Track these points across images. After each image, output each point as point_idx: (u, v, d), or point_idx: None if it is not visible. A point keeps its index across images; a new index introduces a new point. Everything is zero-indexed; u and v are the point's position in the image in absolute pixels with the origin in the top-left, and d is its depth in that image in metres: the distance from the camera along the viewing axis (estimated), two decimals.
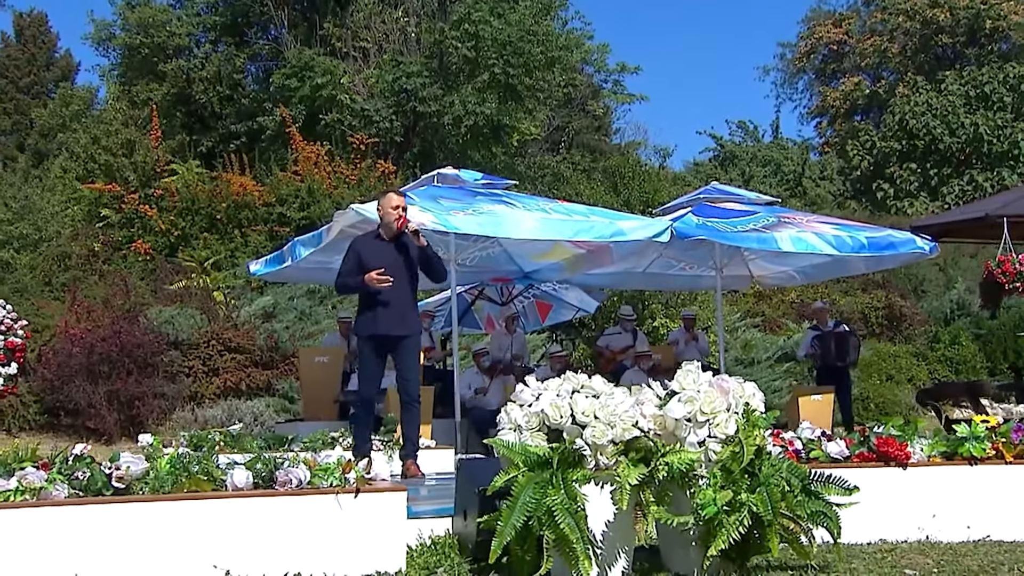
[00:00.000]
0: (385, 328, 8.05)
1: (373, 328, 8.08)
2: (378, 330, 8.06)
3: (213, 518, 4.45)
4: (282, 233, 19.36)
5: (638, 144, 41.20)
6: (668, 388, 4.34)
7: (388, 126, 24.13)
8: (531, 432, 4.11)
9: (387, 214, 8.30)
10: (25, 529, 4.31)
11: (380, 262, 8.10)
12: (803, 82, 46.99)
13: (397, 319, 8.09)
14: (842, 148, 38.12)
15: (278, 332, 16.60)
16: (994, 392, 10.16)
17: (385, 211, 8.32)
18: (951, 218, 12.78)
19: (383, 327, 8.05)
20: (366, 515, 4.57)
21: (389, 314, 8.06)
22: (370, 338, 8.15)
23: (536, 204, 12.19)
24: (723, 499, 3.98)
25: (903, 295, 22.14)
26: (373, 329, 8.08)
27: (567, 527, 3.81)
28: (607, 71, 37.95)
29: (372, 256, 8.21)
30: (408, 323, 8.24)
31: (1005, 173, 29.32)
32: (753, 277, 14.91)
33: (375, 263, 8.10)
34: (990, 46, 35.81)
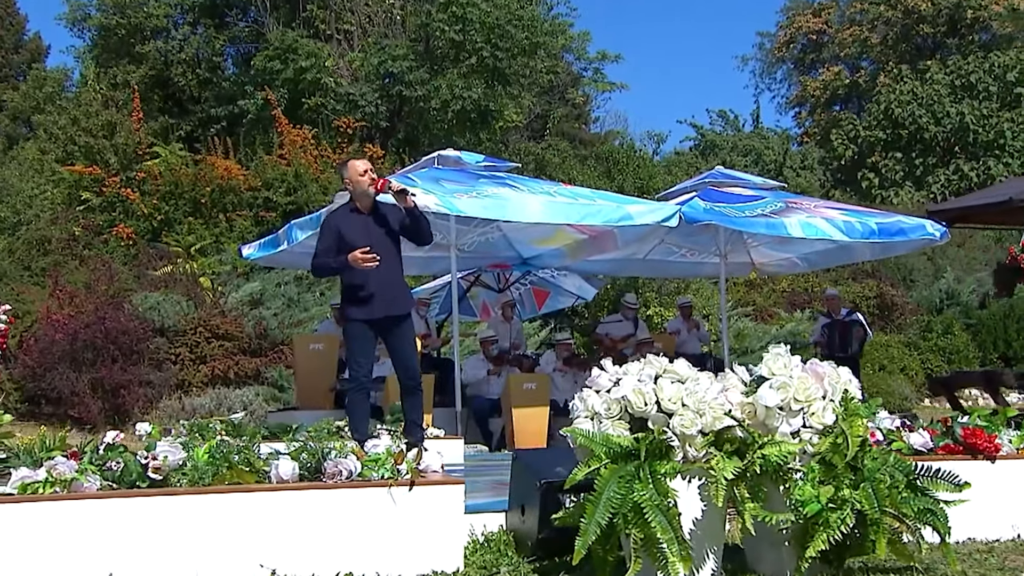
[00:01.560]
0: (377, 311, 7.41)
1: (363, 312, 7.42)
2: (371, 314, 7.41)
3: (257, 513, 4.12)
4: (268, 218, 18.95)
5: (617, 133, 40.97)
6: (754, 373, 4.03)
7: (373, 110, 23.70)
8: (611, 420, 3.80)
9: (358, 183, 7.47)
10: (56, 524, 3.96)
11: (361, 238, 7.34)
12: (782, 72, 46.95)
13: (387, 300, 7.43)
14: (823, 138, 38.03)
15: (267, 319, 16.21)
16: (1013, 381, 9.93)
17: (354, 181, 7.48)
18: (971, 202, 12.55)
19: (375, 310, 7.40)
20: (421, 509, 4.26)
21: (378, 295, 7.38)
22: (363, 322, 7.49)
23: (540, 187, 11.89)
24: (825, 495, 3.69)
25: (893, 284, 22.01)
26: (363, 313, 7.42)
27: (658, 525, 3.50)
28: (587, 59, 37.72)
29: (352, 232, 7.44)
30: (399, 302, 7.61)
31: (991, 163, 29.25)
32: (754, 264, 14.65)
33: (356, 239, 7.34)
34: (971, 36, 35.81)
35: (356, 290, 7.47)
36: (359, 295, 7.44)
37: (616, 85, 39.11)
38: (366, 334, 7.50)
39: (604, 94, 40.11)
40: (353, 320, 7.53)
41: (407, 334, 7.67)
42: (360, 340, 7.52)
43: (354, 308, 7.50)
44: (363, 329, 7.48)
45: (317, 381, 12.89)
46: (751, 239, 13.88)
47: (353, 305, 7.50)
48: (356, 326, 7.51)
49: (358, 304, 7.46)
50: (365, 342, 7.53)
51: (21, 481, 4.12)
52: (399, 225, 7.59)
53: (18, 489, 4.11)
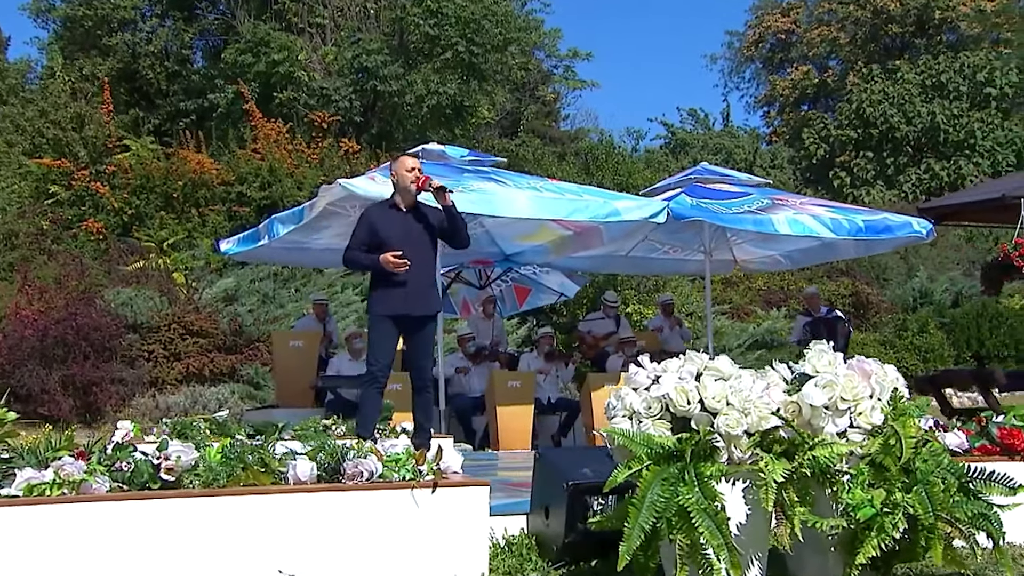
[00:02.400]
0: (405, 307, 7.28)
1: (392, 307, 7.29)
2: (398, 310, 7.29)
3: (275, 515, 3.93)
4: (242, 213, 18.67)
5: (588, 131, 40.94)
6: (795, 371, 3.90)
7: (347, 105, 23.45)
8: (652, 420, 3.65)
9: (402, 178, 7.43)
10: (65, 527, 3.75)
11: (397, 234, 7.31)
12: (750, 71, 47.07)
13: (418, 298, 7.33)
14: (792, 137, 38.15)
15: (242, 315, 15.95)
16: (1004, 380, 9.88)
17: (400, 175, 7.45)
18: (962, 199, 12.55)
19: (403, 306, 7.28)
20: (444, 512, 4.08)
21: (409, 292, 7.28)
22: (388, 317, 7.37)
23: (526, 182, 11.76)
24: (878, 499, 3.55)
25: (868, 283, 22.07)
26: (392, 308, 7.29)
27: (707, 531, 3.35)
28: (558, 56, 37.62)
29: (388, 227, 7.39)
30: (430, 302, 7.50)
31: (962, 162, 29.45)
32: (737, 262, 14.61)
33: (391, 235, 7.31)
34: (938, 36, 36.05)
35: (386, 285, 7.31)
36: (389, 290, 7.29)
37: (587, 83, 39.09)
38: (389, 330, 7.36)
39: (574, 92, 40.08)
40: (380, 316, 7.37)
41: (429, 336, 7.57)
42: (381, 335, 7.38)
43: (381, 303, 7.35)
44: (387, 324, 7.34)
45: (297, 378, 12.69)
46: (734, 236, 13.82)
47: (381, 299, 7.35)
48: (380, 321, 7.37)
49: (386, 299, 7.32)
50: (386, 338, 7.38)
51: (27, 482, 3.92)
52: (438, 227, 7.50)
53: (24, 491, 3.91)
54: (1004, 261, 9.64)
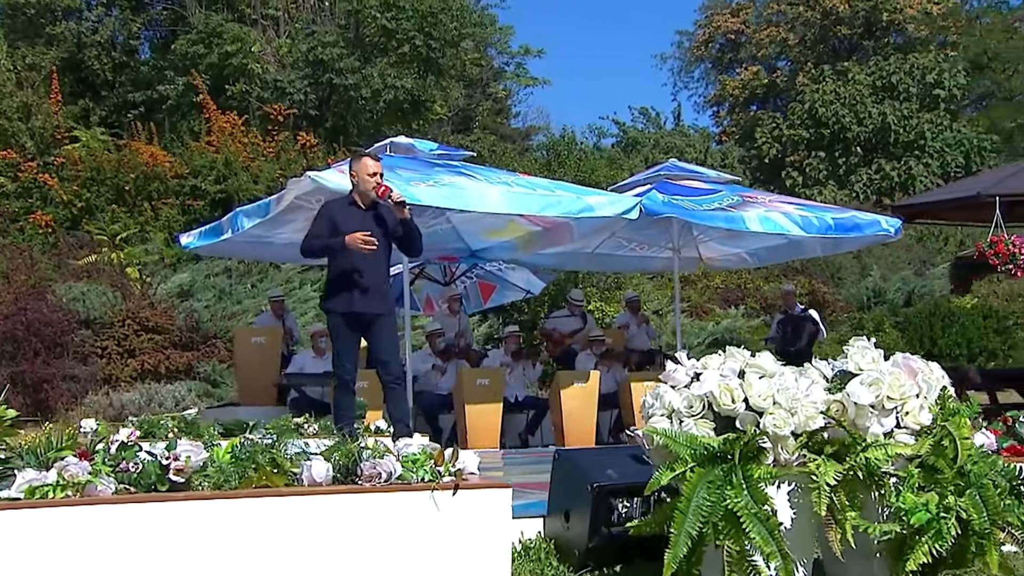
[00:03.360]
0: (361, 305, 7.35)
1: (348, 305, 7.35)
2: (353, 307, 7.35)
3: (290, 519, 3.71)
4: (196, 207, 18.26)
5: (538, 128, 40.89)
6: (836, 368, 3.76)
7: (302, 98, 23.07)
8: (694, 419, 3.49)
9: (364, 181, 7.55)
10: (68, 532, 3.50)
11: (353, 229, 7.32)
12: (700, 71, 47.28)
13: (373, 295, 7.39)
14: (743, 136, 38.36)
15: (198, 311, 15.59)
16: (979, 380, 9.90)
17: (361, 177, 7.57)
18: (936, 197, 12.59)
19: (359, 304, 7.34)
20: (465, 516, 3.89)
21: (365, 290, 7.35)
22: (344, 315, 7.42)
23: (497, 177, 11.59)
24: (932, 503, 3.41)
25: (823, 282, 22.19)
26: (348, 306, 7.35)
27: (759, 537, 3.19)
28: (510, 53, 37.50)
29: (347, 223, 7.44)
30: (385, 299, 7.56)
31: (912, 163, 29.76)
32: (702, 259, 14.54)
33: (350, 231, 7.33)
34: (886, 39, 36.46)
35: (339, 282, 7.38)
36: (341, 287, 7.34)
37: (538, 80, 39.04)
38: (348, 330, 7.40)
39: (526, 89, 39.99)
40: (333, 313, 7.43)
41: (388, 332, 7.54)
42: (343, 337, 7.44)
43: (335, 300, 7.40)
44: (345, 324, 7.38)
45: (259, 376, 12.42)
46: (701, 234, 13.75)
47: (335, 297, 7.40)
48: (337, 320, 7.42)
49: (339, 296, 7.35)
50: (347, 340, 7.44)
51: (28, 484, 3.67)
52: (392, 229, 7.55)
53: (25, 493, 3.66)
54: (979, 259, 9.64)
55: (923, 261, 24.83)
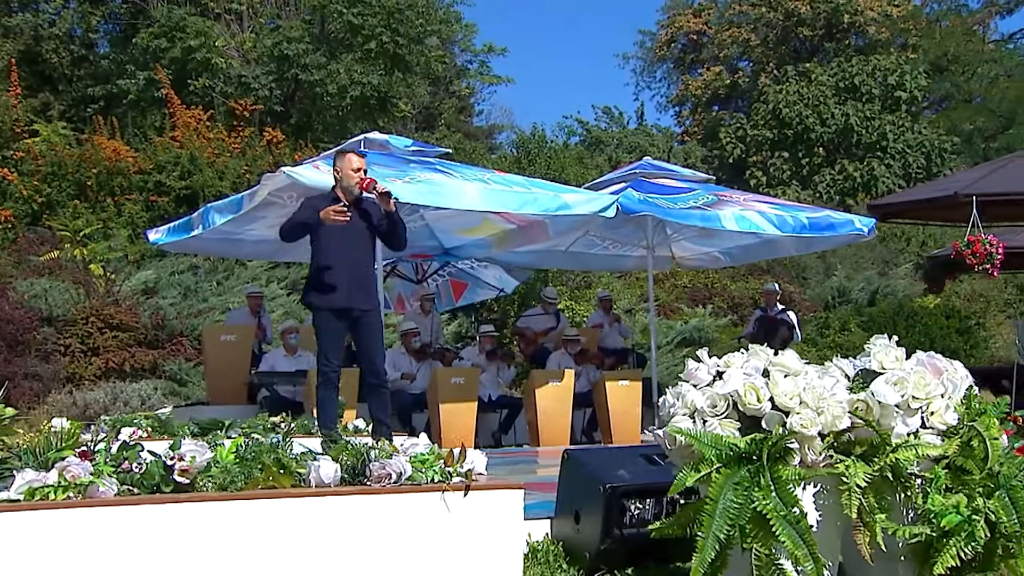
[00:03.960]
0: (346, 300, 7.24)
1: (332, 300, 7.25)
2: (337, 303, 7.25)
3: (298, 520, 3.58)
4: (160, 203, 17.96)
5: (502, 127, 40.79)
6: (858, 367, 3.69)
7: (267, 94, 22.79)
8: (718, 419, 3.41)
9: (347, 176, 7.46)
10: (70, 535, 3.34)
11: (338, 227, 7.23)
12: (662, 71, 47.37)
13: (358, 291, 7.31)
14: (706, 136, 38.47)
15: (164, 309, 15.32)
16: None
17: (345, 173, 7.47)
18: (913, 197, 12.63)
19: (343, 299, 7.24)
20: (476, 517, 3.78)
21: (349, 285, 7.26)
22: (329, 311, 7.31)
23: (473, 174, 11.51)
24: (963, 505, 3.34)
25: (789, 282, 22.27)
26: (332, 301, 7.25)
27: (789, 540, 3.11)
28: (473, 52, 37.32)
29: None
30: (370, 296, 7.49)
31: (874, 163, 29.99)
32: (675, 258, 14.53)
33: (333, 228, 7.23)
34: (847, 40, 36.70)
35: (324, 276, 7.25)
36: (326, 283, 7.23)
37: (502, 79, 38.88)
38: (333, 326, 7.29)
39: (489, 87, 39.85)
40: (318, 309, 7.32)
41: (375, 330, 7.44)
42: (327, 333, 7.31)
43: (320, 295, 7.28)
44: (330, 320, 7.27)
45: (229, 374, 12.25)
46: (675, 233, 13.75)
47: (319, 292, 7.28)
48: (322, 316, 7.31)
49: (324, 291, 7.24)
50: (333, 335, 7.32)
51: (28, 485, 3.51)
52: (376, 224, 7.46)
53: (25, 495, 3.51)
54: (956, 258, 9.67)
55: (886, 261, 25.01)
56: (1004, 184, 10.08)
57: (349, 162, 7.49)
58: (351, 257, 7.26)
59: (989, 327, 22.63)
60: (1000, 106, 33.19)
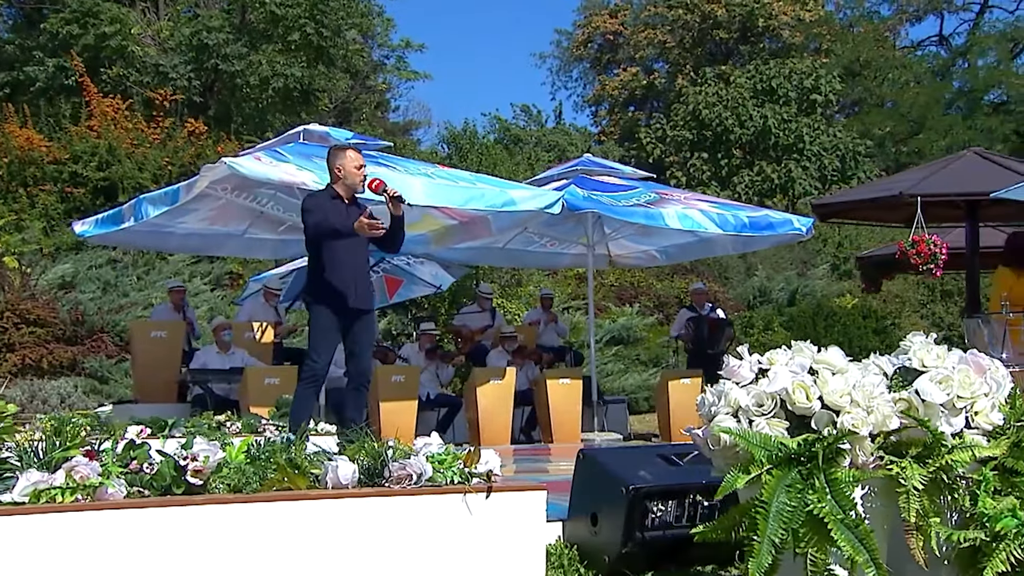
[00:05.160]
0: (350, 300, 7.14)
1: (337, 299, 7.11)
2: (343, 303, 7.12)
3: (315, 524, 3.35)
4: (76, 195, 17.33)
5: (419, 123, 40.53)
6: (895, 364, 3.59)
7: (186, 84, 22.17)
8: (766, 419, 3.27)
9: (352, 175, 7.31)
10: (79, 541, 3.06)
11: (344, 226, 7.07)
12: (578, 70, 47.55)
13: (359, 291, 7.23)
14: (623, 136, 38.69)
15: (84, 304, 14.75)
16: None
17: (348, 171, 7.32)
18: (858, 196, 12.74)
19: (352, 300, 7.14)
20: (498, 520, 3.58)
21: (352, 285, 7.17)
22: (333, 310, 7.16)
23: (417, 168, 11.30)
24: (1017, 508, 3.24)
25: (714, 280, 22.46)
26: (337, 301, 7.11)
27: (849, 545, 2.98)
28: (390, 47, 36.95)
29: (336, 218, 7.15)
30: (369, 297, 7.45)
31: (792, 165, 30.48)
32: (611, 257, 14.49)
33: (341, 224, 7.08)
34: (761, 44, 37.26)
35: (333, 277, 7.11)
36: (335, 283, 7.10)
37: (419, 74, 38.59)
38: (333, 324, 7.15)
39: (407, 83, 39.53)
40: (324, 307, 7.13)
41: (371, 331, 7.51)
42: (325, 330, 7.16)
43: (327, 294, 7.11)
44: (330, 318, 7.12)
45: (158, 372, 11.82)
46: (613, 231, 13.70)
47: (326, 291, 7.11)
48: (323, 313, 7.14)
49: (332, 292, 7.10)
50: (330, 333, 7.17)
51: (34, 487, 3.23)
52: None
53: (30, 497, 3.23)
54: (900, 258, 9.76)
55: (804, 262, 25.41)
56: (946, 185, 10.21)
57: (351, 160, 7.38)
58: (356, 258, 7.25)
59: (904, 327, 23.11)
60: (911, 111, 34.01)
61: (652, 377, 17.28)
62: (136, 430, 3.70)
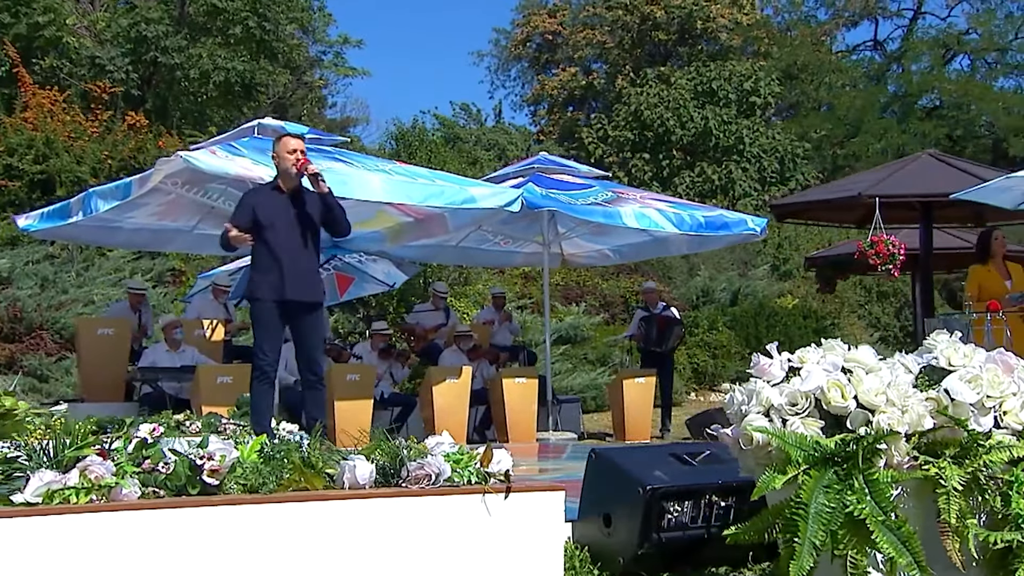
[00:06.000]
0: (289, 292, 6.89)
1: (275, 292, 6.88)
2: (281, 295, 6.89)
3: (332, 525, 3.20)
4: (12, 188, 16.79)
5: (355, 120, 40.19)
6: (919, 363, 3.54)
7: (123, 77, 21.65)
8: (800, 418, 3.19)
9: (283, 159, 7.14)
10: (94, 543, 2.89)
11: (279, 218, 6.98)
12: (516, 70, 47.51)
13: (299, 282, 6.96)
14: (562, 136, 38.72)
15: (22, 300, 14.31)
16: None
17: (281, 156, 7.16)
18: (817, 197, 12.81)
19: (289, 291, 6.89)
20: (517, 521, 3.47)
21: (289, 276, 6.90)
22: (269, 303, 6.93)
23: (374, 164, 11.19)
24: None
25: (659, 281, 22.51)
26: (275, 293, 6.88)
27: (891, 547, 2.92)
28: (327, 43, 36.58)
29: (269, 210, 7.04)
30: (313, 288, 7.18)
31: (732, 167, 30.73)
32: (564, 256, 14.45)
33: (273, 219, 6.98)
34: (699, 46, 37.53)
35: (265, 268, 6.93)
36: (268, 274, 6.90)
37: (357, 71, 38.26)
38: (273, 319, 6.93)
39: (344, 79, 39.16)
40: (260, 300, 6.95)
41: (317, 325, 7.23)
42: (266, 326, 6.96)
43: (263, 287, 6.92)
44: (270, 312, 6.91)
45: (105, 370, 11.51)
46: (568, 230, 13.68)
47: (263, 284, 6.92)
48: (263, 308, 6.95)
49: (267, 283, 6.89)
50: (272, 328, 6.96)
51: (47, 487, 3.06)
52: (320, 212, 7.20)
53: (43, 497, 3.06)
54: (859, 258, 9.85)
55: (744, 262, 25.61)
56: (903, 186, 10.33)
57: (285, 144, 7.19)
58: (293, 250, 6.97)
59: (843, 327, 23.45)
60: (847, 114, 34.51)
61: (600, 376, 17.27)
62: (148, 428, 3.52)
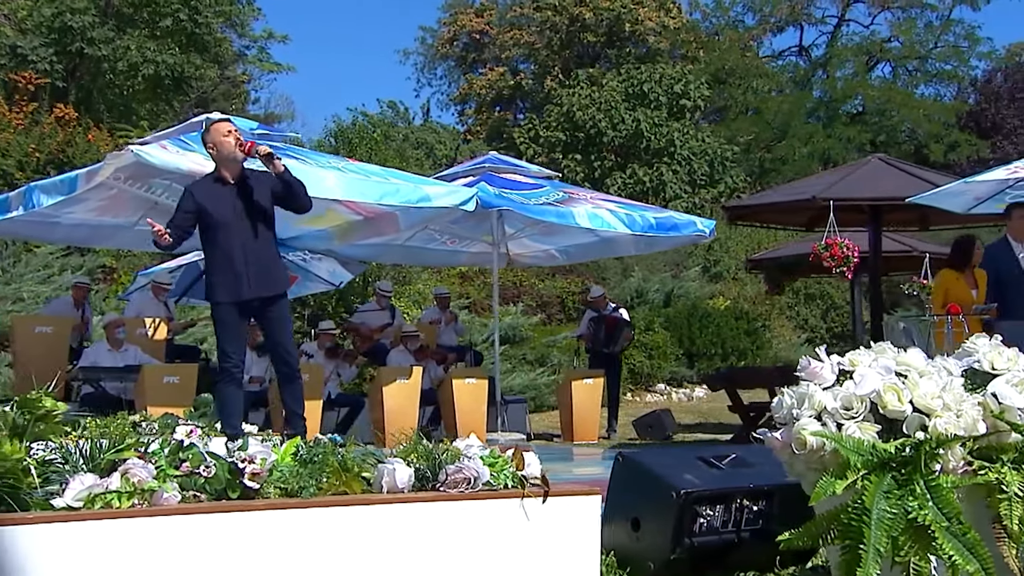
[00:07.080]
0: (246, 292, 6.55)
1: (230, 293, 6.55)
2: (239, 295, 6.55)
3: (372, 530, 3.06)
4: None
5: (279, 117, 39.68)
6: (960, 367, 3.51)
7: (47, 68, 21.02)
8: (856, 422, 3.14)
9: (222, 146, 6.58)
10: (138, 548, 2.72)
11: (226, 211, 6.55)
12: (443, 68, 47.34)
13: (259, 278, 6.58)
14: (490, 136, 38.65)
15: None
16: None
17: (219, 144, 6.60)
18: (770, 199, 12.90)
19: (244, 290, 6.54)
20: (554, 525, 3.35)
21: (250, 273, 6.55)
22: (228, 304, 6.62)
23: (327, 161, 10.98)
24: None
25: (596, 282, 22.56)
26: (231, 295, 6.55)
27: (958, 554, 2.87)
28: (251, 37, 36.04)
29: (214, 204, 6.57)
30: (273, 281, 6.73)
31: (663, 168, 30.94)
32: (510, 255, 14.37)
33: (220, 212, 6.54)
34: (627, 48, 37.77)
35: (222, 268, 6.56)
36: (227, 274, 6.53)
37: (282, 66, 37.77)
38: (234, 319, 6.64)
39: (269, 75, 38.62)
40: (219, 304, 6.61)
41: (283, 317, 6.83)
42: (227, 327, 6.64)
43: (219, 290, 6.58)
44: (230, 314, 6.61)
45: (43, 370, 11.05)
46: (515, 230, 13.60)
47: (220, 285, 6.57)
48: (223, 311, 6.62)
49: (223, 285, 6.55)
50: (233, 328, 6.65)
51: (88, 491, 2.87)
52: (271, 194, 6.70)
53: (85, 502, 2.88)
54: (814, 260, 9.95)
55: (676, 264, 25.80)
56: (855, 190, 10.46)
57: (217, 130, 6.66)
58: (246, 244, 6.55)
59: (773, 328, 23.79)
60: (775, 119, 35.02)
61: (539, 377, 17.24)
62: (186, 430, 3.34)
